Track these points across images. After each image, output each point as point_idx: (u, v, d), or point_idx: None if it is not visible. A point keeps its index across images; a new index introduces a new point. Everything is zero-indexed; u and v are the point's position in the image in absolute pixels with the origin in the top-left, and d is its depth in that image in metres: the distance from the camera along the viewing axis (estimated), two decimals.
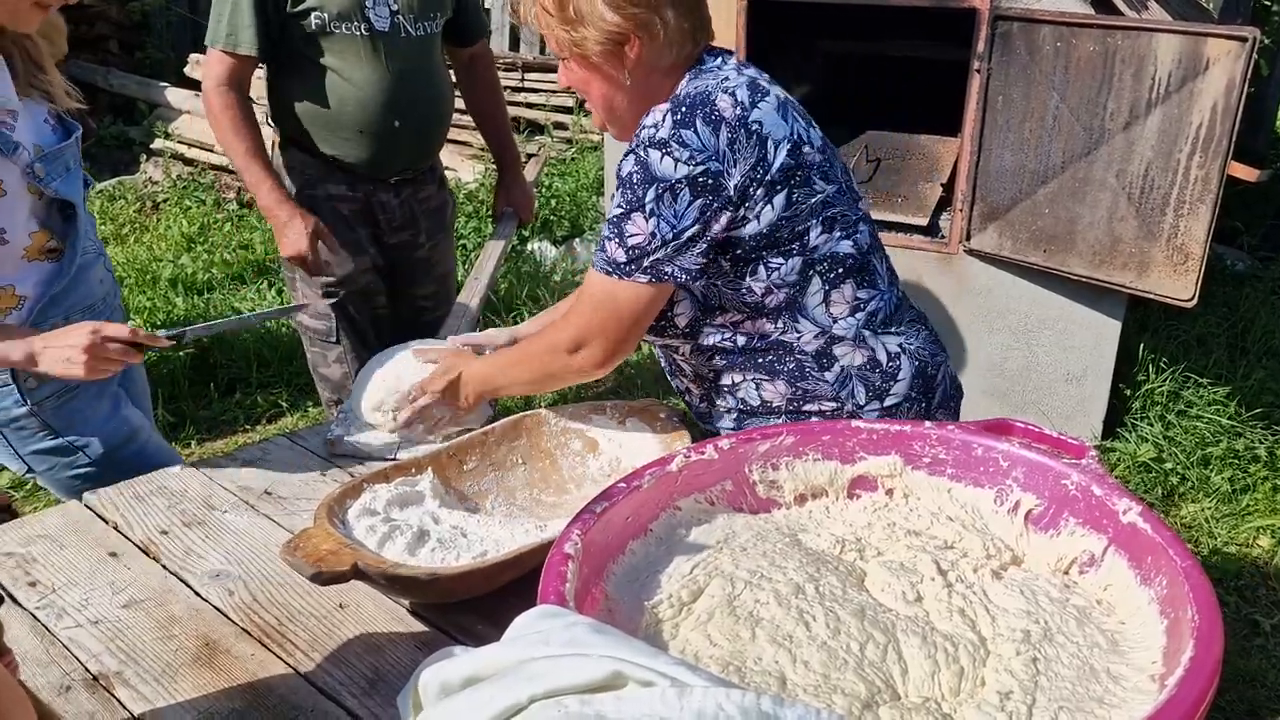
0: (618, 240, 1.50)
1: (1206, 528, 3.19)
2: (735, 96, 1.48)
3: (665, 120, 1.46)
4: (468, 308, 2.36)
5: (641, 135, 1.48)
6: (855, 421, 1.38)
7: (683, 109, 1.46)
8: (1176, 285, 2.95)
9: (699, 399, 1.73)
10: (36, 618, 1.37)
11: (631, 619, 1.14)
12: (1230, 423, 3.50)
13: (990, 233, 3.32)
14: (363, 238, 2.65)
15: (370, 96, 2.47)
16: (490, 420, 1.84)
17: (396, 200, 2.66)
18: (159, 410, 3.54)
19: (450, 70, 2.79)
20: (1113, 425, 3.55)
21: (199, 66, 6.21)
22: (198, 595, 1.43)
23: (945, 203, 3.52)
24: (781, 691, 1.01)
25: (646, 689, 0.79)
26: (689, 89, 1.51)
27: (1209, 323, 4.12)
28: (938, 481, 1.34)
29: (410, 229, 2.73)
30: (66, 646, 1.32)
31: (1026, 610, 1.13)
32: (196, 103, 6.13)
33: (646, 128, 1.48)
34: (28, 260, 1.72)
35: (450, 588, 1.32)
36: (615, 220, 1.50)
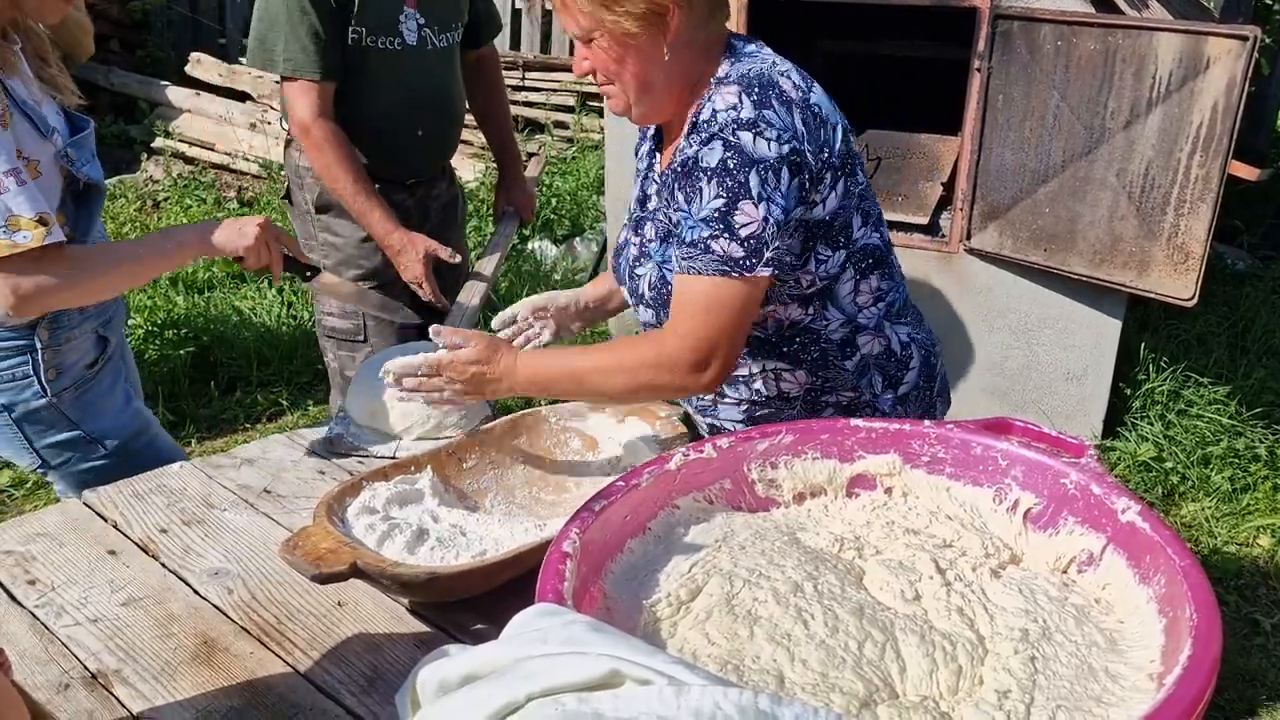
0: (728, 235, 1.40)
1: (1207, 527, 3.19)
2: (792, 79, 1.46)
3: (743, 101, 1.41)
4: (468, 307, 2.35)
5: (720, 119, 1.41)
6: (854, 420, 1.38)
7: (755, 89, 1.41)
8: (1177, 284, 2.95)
9: None
10: (35, 616, 1.37)
11: (630, 617, 1.14)
12: (1230, 422, 3.50)
13: (991, 232, 3.31)
14: None
15: (397, 108, 2.48)
16: (489, 418, 1.84)
17: (411, 200, 2.66)
18: (159, 409, 3.55)
19: None
20: (1113, 424, 3.54)
21: (199, 66, 6.22)
22: (197, 593, 1.43)
23: (946, 202, 3.52)
24: (779, 690, 1.01)
25: (644, 687, 0.79)
26: (741, 70, 1.47)
27: (1209, 322, 4.12)
28: (936, 480, 1.34)
29: (424, 226, 2.73)
30: (65, 644, 1.32)
31: (1025, 609, 1.13)
32: (197, 101, 6.14)
33: (723, 111, 1.41)
34: None
35: (449, 586, 1.32)
36: (718, 214, 1.40)
